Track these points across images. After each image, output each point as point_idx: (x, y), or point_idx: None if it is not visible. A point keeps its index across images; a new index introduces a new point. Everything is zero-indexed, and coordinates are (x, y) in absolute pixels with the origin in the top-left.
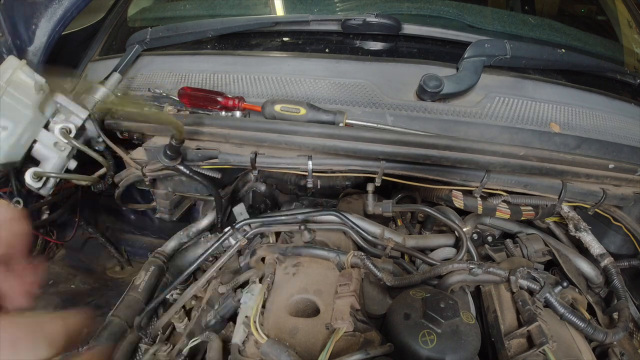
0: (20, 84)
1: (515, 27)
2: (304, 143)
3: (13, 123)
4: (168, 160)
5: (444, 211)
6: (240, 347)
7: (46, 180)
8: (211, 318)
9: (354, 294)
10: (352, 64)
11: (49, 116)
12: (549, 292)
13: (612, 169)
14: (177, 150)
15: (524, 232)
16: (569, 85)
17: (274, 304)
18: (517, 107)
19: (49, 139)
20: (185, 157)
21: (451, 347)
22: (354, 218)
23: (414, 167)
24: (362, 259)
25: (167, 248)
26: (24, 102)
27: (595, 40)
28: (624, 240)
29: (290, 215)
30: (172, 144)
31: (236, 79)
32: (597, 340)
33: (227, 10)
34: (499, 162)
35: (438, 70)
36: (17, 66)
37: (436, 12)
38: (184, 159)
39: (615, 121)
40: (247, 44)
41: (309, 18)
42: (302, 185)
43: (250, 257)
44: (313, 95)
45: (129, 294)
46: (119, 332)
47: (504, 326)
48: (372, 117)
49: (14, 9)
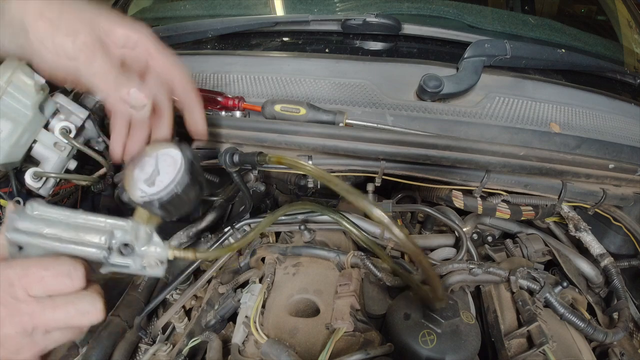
0: (20, 84)
1: (515, 27)
2: (304, 143)
3: (13, 123)
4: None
5: (444, 211)
6: (240, 347)
7: (46, 180)
8: (211, 318)
9: (354, 294)
10: (352, 64)
11: (49, 116)
12: (549, 292)
13: (612, 169)
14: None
15: (524, 232)
16: (569, 85)
17: (274, 304)
18: (517, 107)
19: (49, 139)
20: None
21: (451, 347)
22: (354, 218)
23: (414, 167)
24: (362, 259)
25: None
26: (24, 102)
27: (595, 40)
28: (624, 240)
29: (290, 215)
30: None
31: (236, 79)
32: (597, 340)
33: (227, 10)
34: (499, 162)
35: (438, 70)
36: (17, 66)
37: (436, 12)
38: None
39: (615, 121)
40: (247, 44)
41: (309, 18)
42: (302, 185)
43: (250, 257)
44: (313, 95)
45: (129, 293)
46: (119, 332)
47: (504, 326)
48: (372, 117)
49: None
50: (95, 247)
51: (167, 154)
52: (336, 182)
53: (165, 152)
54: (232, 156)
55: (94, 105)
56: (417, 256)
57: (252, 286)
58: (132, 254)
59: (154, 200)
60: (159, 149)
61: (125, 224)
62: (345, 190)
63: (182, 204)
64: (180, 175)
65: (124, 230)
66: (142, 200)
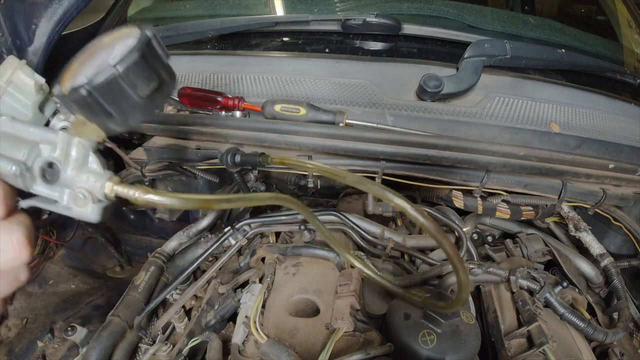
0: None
1: (515, 27)
2: (304, 143)
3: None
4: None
5: (444, 211)
6: (240, 347)
7: None
8: (211, 318)
9: (354, 294)
10: (352, 64)
11: (49, 116)
12: (549, 292)
13: (612, 169)
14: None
15: (524, 232)
16: (569, 85)
17: (274, 304)
18: (517, 107)
19: None
20: (185, 158)
21: (451, 347)
22: (354, 218)
23: (414, 167)
24: (362, 259)
25: (167, 248)
26: (24, 102)
27: (595, 40)
28: (624, 240)
29: (290, 215)
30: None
31: (236, 79)
32: (597, 340)
33: (227, 10)
34: (499, 162)
35: (438, 70)
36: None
37: (436, 12)
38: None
39: (615, 121)
40: (247, 44)
41: (309, 18)
42: (302, 185)
43: (250, 257)
44: (313, 95)
45: (129, 294)
46: (119, 332)
47: (504, 326)
48: (372, 117)
49: (14, 9)
50: (10, 162)
51: (125, 42)
52: (343, 174)
53: (124, 40)
54: (234, 156)
55: None
56: (446, 247)
57: (252, 286)
58: (58, 180)
59: (83, 85)
60: (118, 38)
61: (55, 136)
62: (355, 181)
63: (124, 95)
64: (127, 54)
65: (52, 144)
66: (70, 87)
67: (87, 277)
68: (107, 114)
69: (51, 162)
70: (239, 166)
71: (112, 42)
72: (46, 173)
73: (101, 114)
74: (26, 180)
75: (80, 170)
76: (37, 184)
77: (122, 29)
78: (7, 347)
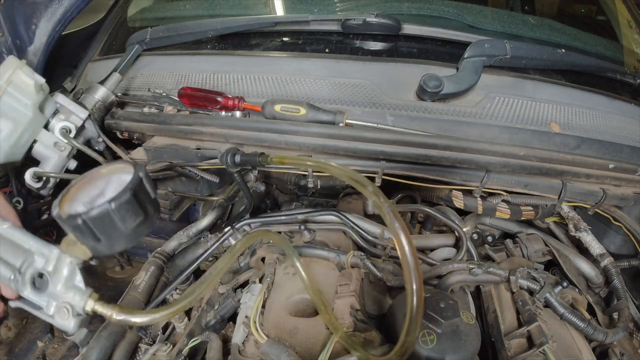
0: (20, 84)
1: (515, 27)
2: (304, 143)
3: (13, 123)
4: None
5: (444, 211)
6: (240, 347)
7: (46, 180)
8: (211, 318)
9: (354, 294)
10: (352, 64)
11: (49, 116)
12: (549, 292)
13: (612, 169)
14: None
15: (524, 232)
16: (569, 85)
17: (274, 304)
18: (517, 107)
19: (49, 139)
20: (185, 158)
21: (451, 347)
22: (354, 218)
23: (414, 167)
24: (362, 258)
25: (167, 248)
26: (24, 102)
27: (595, 40)
28: (624, 240)
29: (290, 215)
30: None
31: (236, 79)
32: (597, 340)
33: (227, 10)
34: (499, 162)
35: (438, 70)
36: (17, 66)
37: (436, 12)
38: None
39: (615, 121)
40: (247, 44)
41: (309, 18)
42: (302, 185)
43: (250, 257)
44: (313, 95)
45: (129, 294)
46: (119, 332)
47: (504, 326)
48: (372, 117)
49: (14, 9)
50: (6, 267)
51: (119, 176)
52: (341, 170)
53: (119, 174)
54: (234, 156)
55: (94, 105)
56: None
57: (252, 286)
58: (46, 290)
59: (80, 216)
60: (114, 172)
61: (48, 251)
62: (349, 177)
63: (113, 227)
64: (120, 192)
65: (45, 257)
66: (67, 215)
67: (87, 277)
68: (97, 239)
69: (42, 273)
70: (239, 166)
71: (108, 174)
72: (36, 282)
73: (91, 238)
74: (18, 284)
75: (67, 286)
76: (27, 289)
77: (118, 163)
78: (7, 347)
